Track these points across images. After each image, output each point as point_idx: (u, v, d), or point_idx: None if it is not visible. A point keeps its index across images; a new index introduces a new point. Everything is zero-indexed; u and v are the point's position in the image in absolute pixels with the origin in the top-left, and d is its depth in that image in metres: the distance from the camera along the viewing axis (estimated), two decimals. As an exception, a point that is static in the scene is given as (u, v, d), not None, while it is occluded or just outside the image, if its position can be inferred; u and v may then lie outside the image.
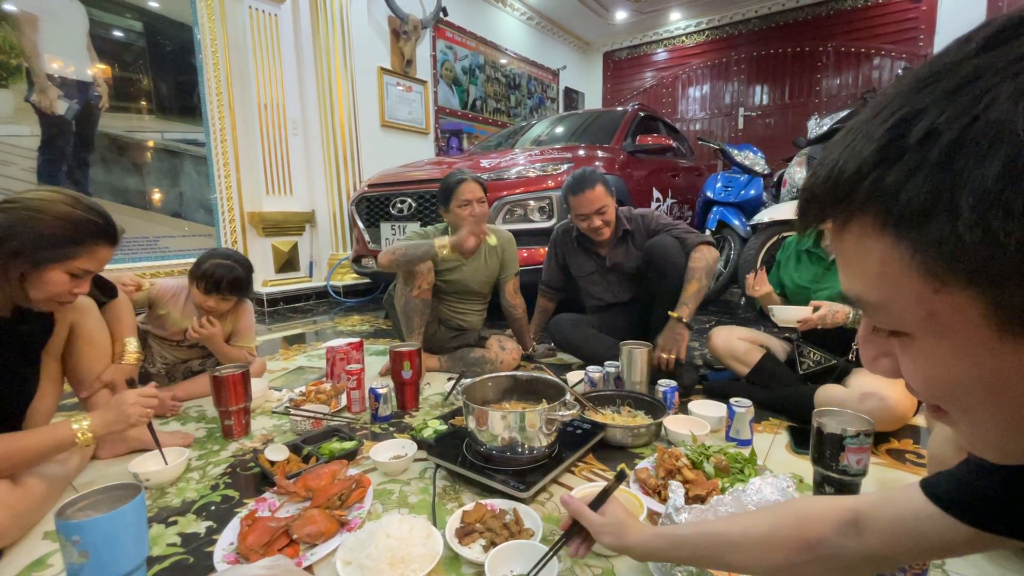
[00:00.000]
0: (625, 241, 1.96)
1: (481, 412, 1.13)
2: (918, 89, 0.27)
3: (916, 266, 0.27)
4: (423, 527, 0.92)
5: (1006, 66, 0.24)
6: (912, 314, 0.29)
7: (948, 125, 0.25)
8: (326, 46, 3.84)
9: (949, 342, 0.29)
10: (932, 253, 0.26)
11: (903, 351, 0.32)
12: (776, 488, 0.85)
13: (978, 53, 0.25)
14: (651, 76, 7.14)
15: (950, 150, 0.25)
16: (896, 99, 0.27)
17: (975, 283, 0.26)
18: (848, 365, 1.47)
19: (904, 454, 1.29)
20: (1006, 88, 0.24)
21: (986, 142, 0.24)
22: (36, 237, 0.96)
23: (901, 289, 0.29)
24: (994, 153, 0.23)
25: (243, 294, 1.70)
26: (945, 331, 0.29)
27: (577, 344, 1.93)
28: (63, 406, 1.63)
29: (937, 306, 0.28)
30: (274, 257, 3.78)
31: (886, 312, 0.31)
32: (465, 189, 1.91)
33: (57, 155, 2.80)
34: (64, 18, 2.77)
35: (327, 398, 1.61)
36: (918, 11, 5.18)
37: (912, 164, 0.26)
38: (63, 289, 1.02)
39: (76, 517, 0.78)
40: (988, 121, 0.24)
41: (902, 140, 0.26)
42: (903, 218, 0.27)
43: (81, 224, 1.01)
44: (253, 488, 1.17)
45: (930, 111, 0.25)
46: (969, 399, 0.30)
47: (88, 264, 1.04)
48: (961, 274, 0.26)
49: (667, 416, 1.42)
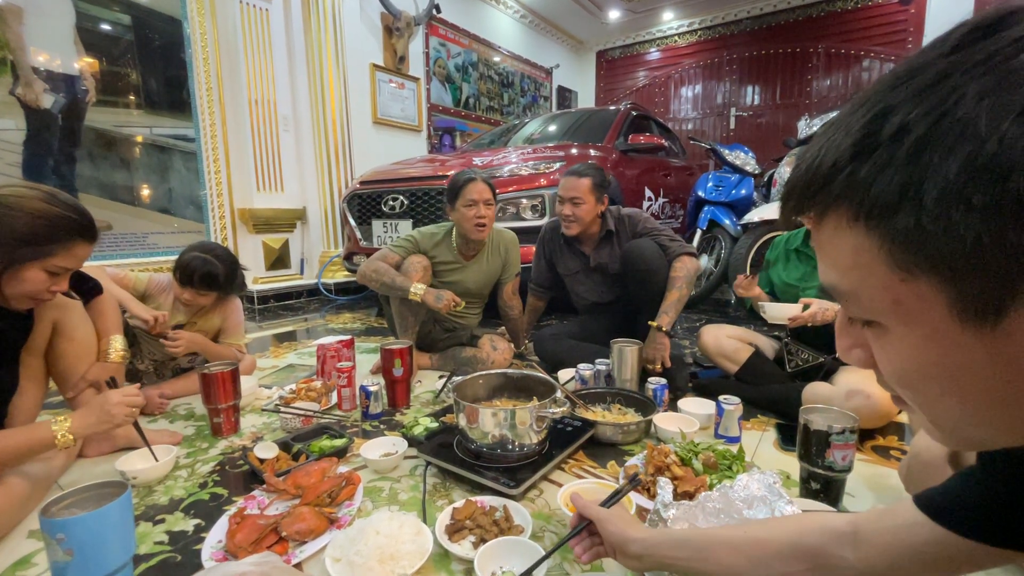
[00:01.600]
0: (610, 241, 1.96)
1: (472, 409, 1.13)
2: (895, 86, 0.28)
3: (884, 256, 0.29)
4: (413, 524, 0.93)
5: (974, 66, 0.25)
6: (880, 302, 0.31)
7: (917, 121, 0.26)
8: (318, 42, 3.81)
9: (916, 331, 0.30)
10: (898, 244, 0.28)
11: (875, 341, 0.33)
12: (763, 484, 0.86)
13: (951, 52, 0.26)
14: (644, 75, 7.16)
15: (919, 145, 0.26)
16: (875, 95, 0.29)
17: (937, 273, 0.27)
18: (836, 363, 1.48)
19: (889, 450, 1.30)
20: (972, 87, 0.25)
21: (951, 139, 0.25)
22: (11, 235, 0.94)
23: (871, 278, 0.30)
24: (958, 149, 0.24)
25: (218, 289, 1.65)
26: (912, 319, 0.30)
27: (561, 357, 1.93)
28: (50, 404, 1.61)
29: (903, 294, 0.29)
30: (265, 254, 3.75)
31: (857, 300, 0.32)
32: (473, 189, 1.86)
33: (43, 149, 2.76)
34: (50, 11, 2.73)
35: (317, 396, 1.60)
36: (907, 14, 5.24)
37: (884, 158, 0.27)
38: (40, 287, 1.00)
39: (61, 515, 0.78)
40: (954, 119, 0.25)
41: (876, 135, 0.27)
42: (873, 210, 0.28)
43: (58, 221, 0.99)
44: (242, 486, 1.16)
45: (903, 107, 0.27)
46: (935, 386, 0.32)
47: (66, 262, 1.02)
48: (924, 264, 0.27)
49: (657, 413, 1.43)
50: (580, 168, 1.90)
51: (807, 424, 1.03)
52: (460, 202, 1.88)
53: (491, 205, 1.90)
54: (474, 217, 1.87)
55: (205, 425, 1.47)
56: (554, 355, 1.98)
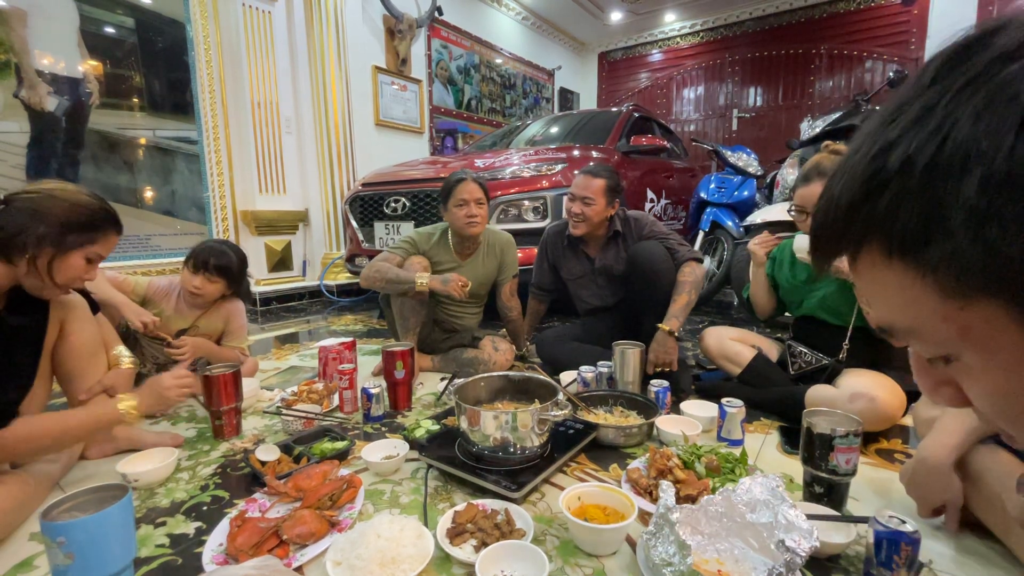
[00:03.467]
0: (615, 243, 1.95)
1: (473, 412, 1.13)
2: (887, 123, 0.28)
3: (931, 286, 0.28)
4: (414, 527, 0.92)
5: (959, 91, 0.25)
6: (945, 333, 0.29)
7: (919, 151, 0.26)
8: (320, 44, 3.82)
9: (998, 357, 0.28)
10: (942, 273, 0.27)
11: (960, 375, 0.32)
12: (766, 488, 0.86)
13: (932, 83, 0.27)
14: (646, 77, 7.16)
15: (928, 173, 0.25)
16: (869, 136, 0.29)
17: (997, 294, 0.26)
18: (839, 365, 1.47)
19: (893, 454, 1.30)
20: (965, 110, 0.25)
21: (959, 162, 0.24)
22: (61, 222, 1.02)
23: (926, 311, 0.29)
24: (970, 171, 0.24)
25: (228, 278, 1.72)
26: (988, 347, 0.28)
27: (563, 360, 1.93)
28: (52, 407, 1.61)
29: (968, 321, 0.28)
30: (267, 256, 3.75)
31: (921, 337, 0.31)
32: (463, 189, 1.89)
33: (47, 152, 2.77)
34: (54, 13, 2.74)
35: (319, 398, 1.60)
36: (910, 15, 5.22)
37: (898, 190, 0.27)
38: (79, 274, 1.09)
39: (62, 518, 0.78)
40: (956, 142, 0.25)
41: (884, 170, 0.27)
42: (905, 243, 0.27)
43: (97, 211, 1.09)
44: (243, 488, 1.16)
45: (902, 141, 0.27)
46: None
47: (102, 249, 1.12)
48: (979, 288, 0.26)
49: (659, 416, 1.42)
50: (595, 168, 1.90)
51: (810, 427, 1.02)
52: (451, 202, 1.90)
53: (483, 204, 1.92)
54: (465, 216, 1.89)
55: (207, 427, 1.47)
56: (556, 357, 1.97)
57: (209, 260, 1.65)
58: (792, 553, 0.74)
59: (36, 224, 0.99)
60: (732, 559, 0.82)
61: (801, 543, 0.75)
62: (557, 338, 2.04)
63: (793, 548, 0.75)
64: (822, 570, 0.87)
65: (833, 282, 1.46)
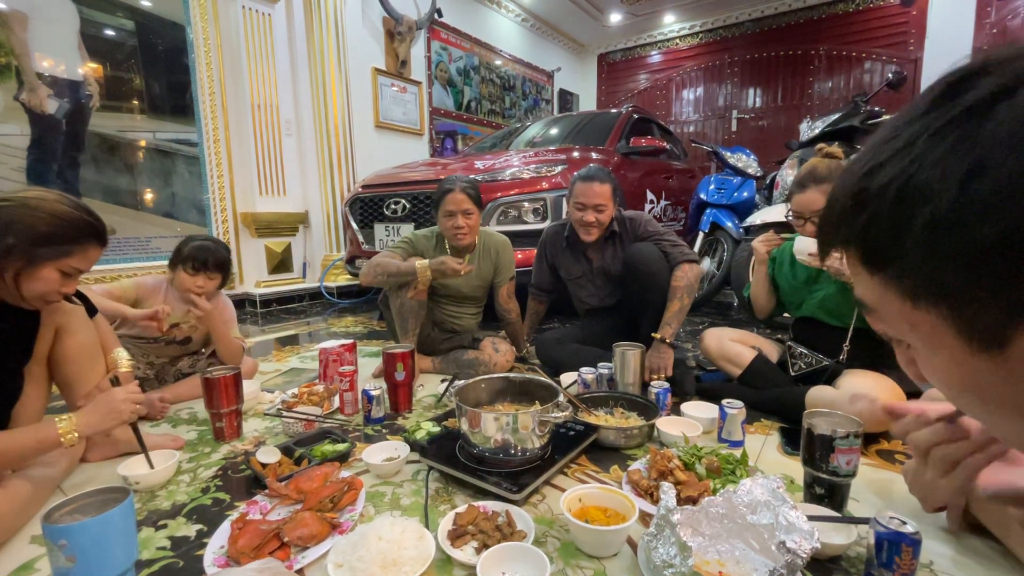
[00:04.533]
0: (613, 243, 1.95)
1: (474, 414, 1.13)
2: (887, 140, 0.32)
3: (894, 287, 0.33)
4: (415, 529, 0.92)
5: (935, 132, 0.29)
6: (899, 325, 0.35)
7: (892, 182, 0.30)
8: (320, 46, 3.83)
9: (940, 353, 0.34)
10: (898, 283, 0.33)
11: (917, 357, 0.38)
12: (766, 489, 0.86)
13: (925, 112, 0.30)
14: (645, 78, 7.17)
15: (896, 201, 0.30)
16: (871, 148, 0.33)
17: (939, 307, 0.31)
18: (839, 367, 1.48)
19: (894, 454, 1.30)
20: (932, 154, 0.29)
21: (917, 197, 0.29)
22: (32, 234, 0.97)
23: (888, 304, 0.35)
24: (921, 207, 0.29)
25: (227, 272, 1.77)
26: (931, 343, 0.34)
27: (563, 361, 1.93)
28: (52, 409, 1.61)
29: (917, 321, 0.33)
30: (267, 258, 3.76)
31: (881, 319, 0.37)
32: (450, 200, 1.87)
33: (47, 154, 2.77)
34: (54, 16, 2.75)
35: (319, 400, 1.60)
36: (908, 15, 5.23)
37: (873, 211, 0.32)
38: (53, 287, 1.03)
39: (63, 521, 0.78)
40: (919, 181, 0.29)
41: (866, 190, 0.32)
42: (873, 257, 0.34)
43: (76, 223, 1.03)
44: (244, 491, 1.16)
45: (886, 166, 0.31)
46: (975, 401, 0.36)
47: (80, 263, 1.05)
48: (928, 299, 0.31)
49: (660, 417, 1.42)
50: (599, 174, 1.87)
51: (811, 428, 1.02)
52: (440, 211, 1.91)
53: (471, 214, 1.89)
54: (452, 228, 1.89)
55: (207, 429, 1.47)
56: (556, 359, 1.97)
57: (208, 259, 1.68)
58: (793, 554, 0.75)
59: (5, 235, 0.95)
60: (733, 560, 0.82)
61: (802, 544, 0.75)
62: (557, 340, 2.04)
63: (794, 549, 0.75)
64: (823, 571, 0.87)
65: (833, 283, 1.47)
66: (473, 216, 1.91)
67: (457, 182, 1.90)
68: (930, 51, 5.09)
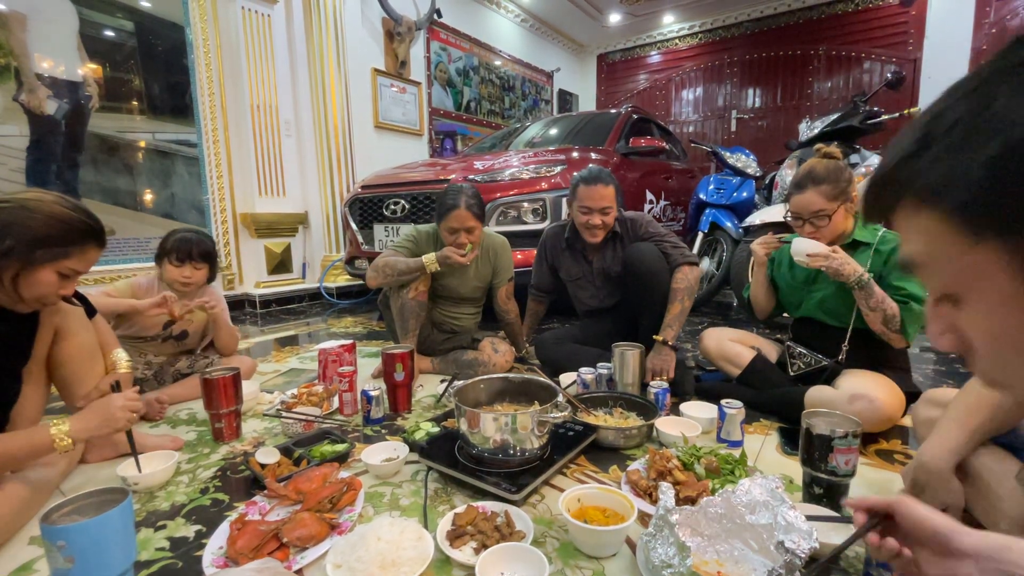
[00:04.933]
0: (613, 244, 1.95)
1: (473, 414, 1.13)
2: (952, 92, 0.34)
3: (951, 227, 0.34)
4: (414, 530, 0.92)
5: (1005, 72, 0.31)
6: (952, 271, 0.36)
7: (960, 120, 0.32)
8: (319, 47, 3.83)
9: (989, 297, 0.34)
10: (962, 220, 0.33)
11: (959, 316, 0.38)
12: (765, 489, 0.86)
13: (992, 64, 0.32)
14: (644, 78, 7.17)
15: (966, 134, 0.32)
16: (936, 102, 0.35)
17: (1002, 236, 0.32)
18: (838, 367, 1.48)
19: (892, 454, 1.30)
20: (1003, 89, 0.31)
21: (991, 127, 0.30)
22: (30, 236, 0.97)
23: (944, 248, 0.35)
24: (992, 139, 0.30)
25: (212, 263, 1.78)
26: (983, 286, 0.34)
27: (562, 361, 1.93)
28: (52, 410, 1.61)
29: (972, 262, 0.34)
30: (267, 258, 3.76)
31: (932, 272, 0.38)
32: (454, 217, 1.81)
33: (46, 155, 2.77)
34: (54, 17, 2.75)
35: (319, 400, 1.60)
36: (908, 15, 5.23)
37: (939, 149, 0.33)
38: (51, 289, 1.02)
39: (62, 522, 0.78)
40: (992, 112, 0.31)
41: (933, 132, 0.34)
42: (936, 189, 0.34)
43: (74, 224, 1.02)
44: (243, 491, 1.16)
45: (955, 107, 0.33)
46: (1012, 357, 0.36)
47: (78, 265, 1.05)
48: (990, 227, 0.32)
49: (659, 418, 1.43)
50: (602, 176, 1.86)
51: (810, 428, 1.02)
52: (443, 224, 1.86)
53: (473, 231, 1.85)
54: (455, 244, 1.85)
55: (207, 430, 1.47)
56: (556, 359, 1.97)
57: (192, 250, 1.70)
58: (791, 554, 0.75)
59: (3, 237, 0.94)
60: (732, 560, 0.83)
61: (800, 544, 0.75)
62: (556, 340, 2.04)
63: (792, 549, 0.75)
64: (821, 571, 0.87)
65: (831, 284, 1.47)
66: (474, 233, 1.87)
67: (462, 196, 1.82)
68: (929, 51, 5.09)
